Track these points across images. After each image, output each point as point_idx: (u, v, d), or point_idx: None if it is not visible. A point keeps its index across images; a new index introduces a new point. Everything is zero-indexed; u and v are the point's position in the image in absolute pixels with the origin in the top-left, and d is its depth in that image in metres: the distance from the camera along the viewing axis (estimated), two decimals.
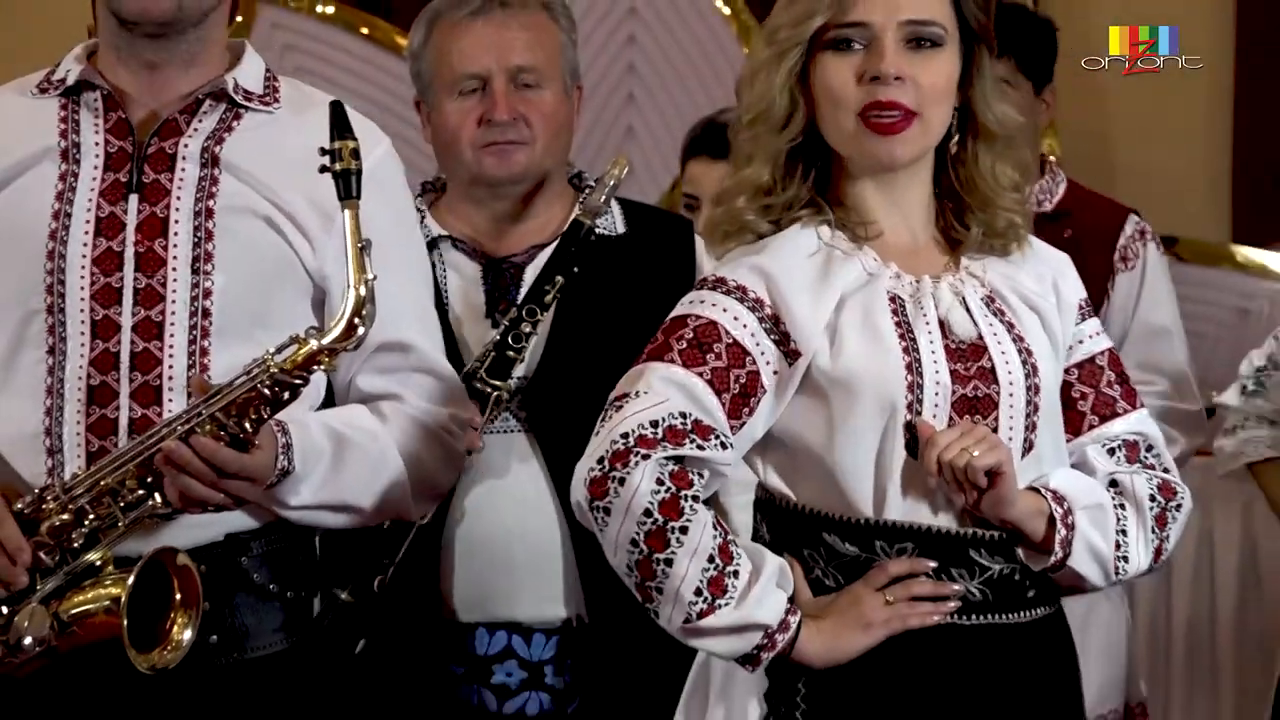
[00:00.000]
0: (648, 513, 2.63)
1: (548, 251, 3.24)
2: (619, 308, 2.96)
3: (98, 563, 2.81)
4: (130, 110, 2.90)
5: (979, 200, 2.80)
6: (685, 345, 2.70)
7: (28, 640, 2.79)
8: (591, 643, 3.16)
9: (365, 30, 6.85)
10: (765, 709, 2.74)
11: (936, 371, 2.71)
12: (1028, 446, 2.74)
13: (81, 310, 2.85)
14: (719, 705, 2.79)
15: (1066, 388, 2.81)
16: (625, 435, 2.64)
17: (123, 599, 2.76)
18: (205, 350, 2.86)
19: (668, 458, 2.64)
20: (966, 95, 2.79)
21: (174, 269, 2.87)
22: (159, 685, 2.81)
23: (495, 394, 3.16)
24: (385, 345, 2.90)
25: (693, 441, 2.66)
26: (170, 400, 2.84)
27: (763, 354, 2.71)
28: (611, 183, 3.22)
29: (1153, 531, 2.77)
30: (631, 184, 3.43)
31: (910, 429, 2.69)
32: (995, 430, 2.71)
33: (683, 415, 2.66)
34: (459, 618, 3.21)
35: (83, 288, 2.86)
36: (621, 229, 3.30)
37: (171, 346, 2.86)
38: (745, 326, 2.71)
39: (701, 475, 2.67)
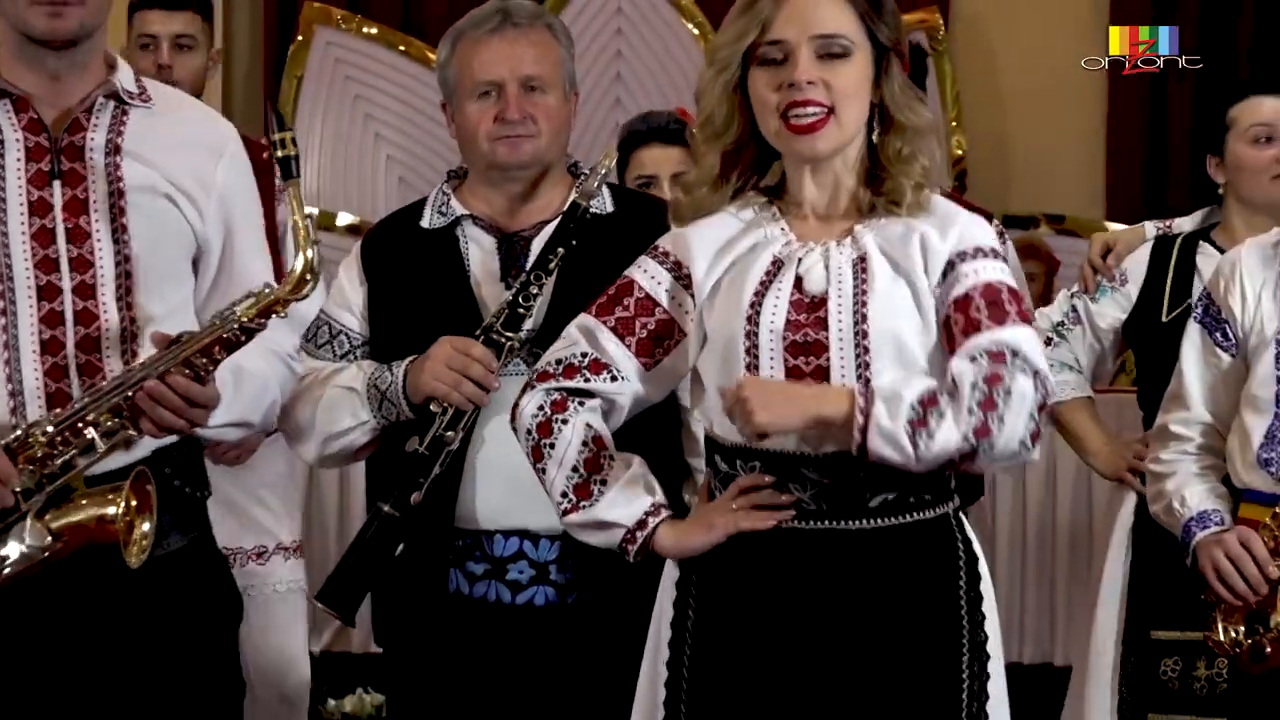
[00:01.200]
0: (529, 432, 2.82)
1: (551, 227, 3.21)
2: (608, 272, 2.93)
3: (70, 484, 2.83)
4: (40, 110, 2.92)
5: (890, 175, 2.78)
6: (604, 300, 2.82)
7: (26, 549, 2.81)
8: (587, 546, 3.13)
9: (402, 47, 6.82)
10: (676, 593, 2.80)
11: (773, 320, 2.72)
12: (865, 382, 2.70)
13: (27, 278, 2.88)
14: (664, 588, 2.84)
15: (947, 320, 2.73)
16: (535, 371, 2.82)
17: (119, 511, 2.79)
18: (131, 305, 2.91)
19: (556, 388, 2.80)
20: (883, 95, 2.77)
21: (98, 240, 2.90)
22: (98, 580, 2.85)
23: (509, 343, 3.13)
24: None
25: (583, 376, 2.79)
26: (107, 347, 2.89)
27: (679, 305, 2.80)
28: (603, 171, 3.19)
29: (971, 412, 2.64)
30: (617, 172, 3.39)
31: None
32: (828, 367, 2.70)
33: (583, 355, 2.80)
34: (481, 526, 3.18)
35: (26, 260, 2.88)
36: (610, 209, 3.26)
37: (105, 303, 2.90)
38: (660, 284, 2.80)
39: (583, 403, 2.79)
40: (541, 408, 2.80)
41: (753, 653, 2.73)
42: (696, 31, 6.84)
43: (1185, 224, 4.21)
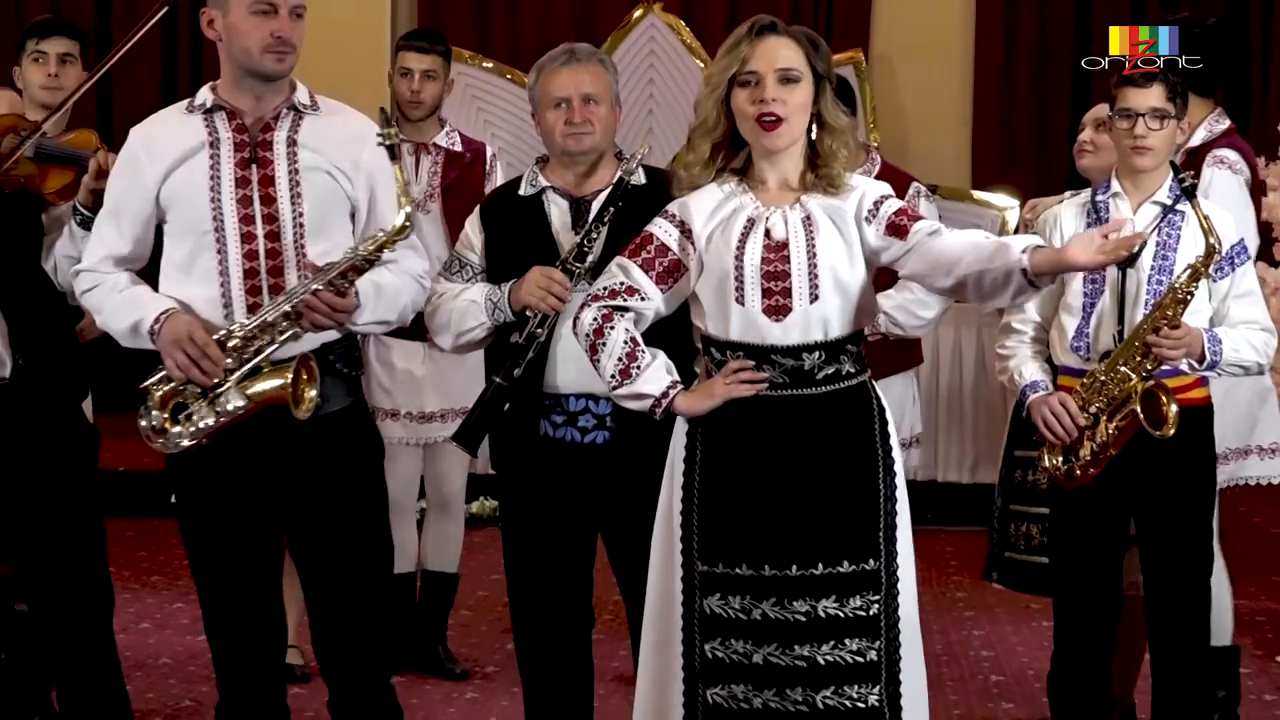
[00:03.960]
0: (588, 335, 2.83)
1: (605, 194, 3.16)
2: (644, 224, 2.91)
3: (261, 364, 2.87)
4: (244, 119, 2.95)
5: (823, 163, 2.79)
6: (633, 246, 2.82)
7: (231, 406, 2.85)
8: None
9: (509, 76, 6.75)
10: (686, 440, 2.81)
11: (752, 256, 2.72)
12: (814, 298, 2.73)
13: (234, 229, 2.91)
14: (676, 436, 2.85)
15: (891, 225, 2.76)
16: (588, 295, 2.81)
17: (289, 381, 2.83)
18: (303, 247, 2.92)
19: (605, 305, 2.77)
20: (819, 107, 2.78)
21: (280, 204, 2.92)
22: (290, 428, 2.88)
23: (578, 271, 3.09)
24: None
25: (622, 297, 2.78)
26: (288, 274, 2.91)
27: (683, 249, 2.79)
28: (640, 156, 3.16)
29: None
30: (649, 157, 3.33)
31: None
32: (790, 288, 2.71)
33: (621, 283, 2.79)
34: (560, 391, 3.15)
35: (233, 216, 2.91)
36: (644, 181, 3.19)
37: (286, 244, 2.92)
38: (671, 236, 2.80)
39: (623, 314, 2.78)
40: (595, 319, 2.82)
41: (744, 478, 2.76)
42: (701, 65, 6.79)
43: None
